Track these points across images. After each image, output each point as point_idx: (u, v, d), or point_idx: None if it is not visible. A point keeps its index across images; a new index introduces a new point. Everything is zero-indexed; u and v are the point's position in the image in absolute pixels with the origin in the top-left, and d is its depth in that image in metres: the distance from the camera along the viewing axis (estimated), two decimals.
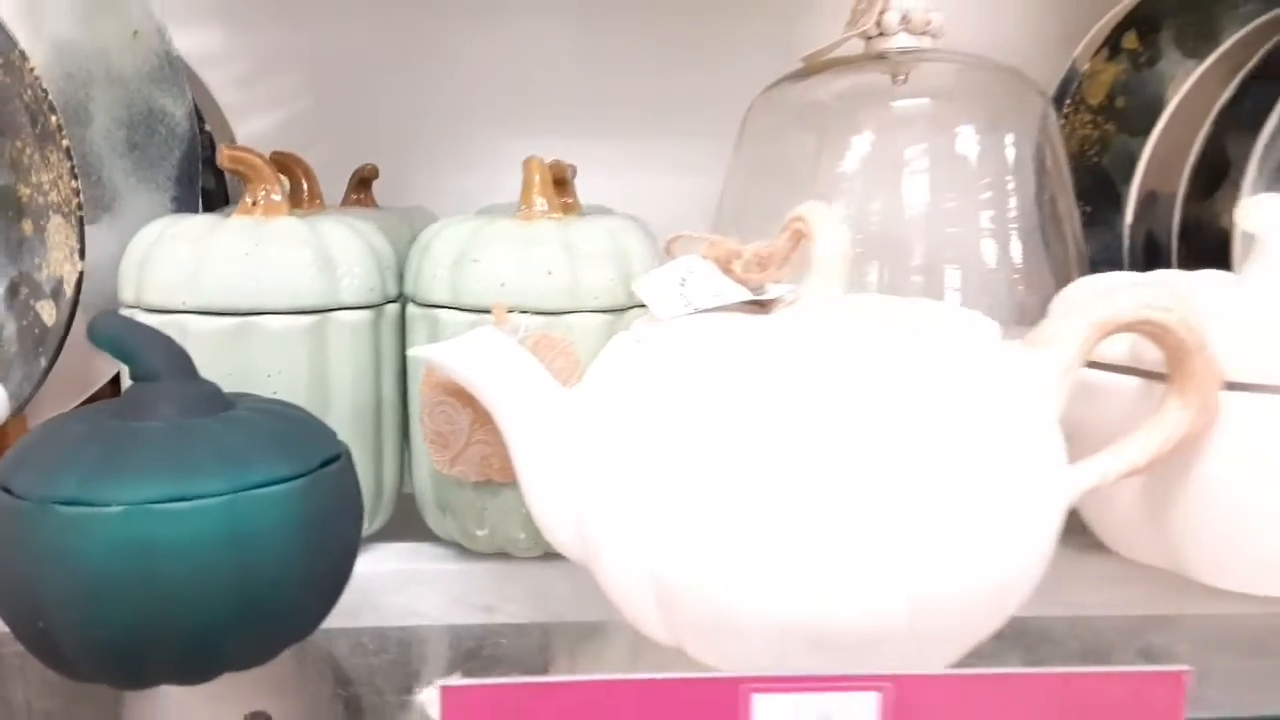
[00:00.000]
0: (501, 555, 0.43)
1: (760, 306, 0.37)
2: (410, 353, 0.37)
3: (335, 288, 0.41)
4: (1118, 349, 0.39)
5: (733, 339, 0.33)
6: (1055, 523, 0.34)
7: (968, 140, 0.56)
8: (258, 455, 0.31)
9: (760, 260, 0.36)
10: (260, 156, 0.44)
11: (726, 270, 0.36)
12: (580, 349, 0.41)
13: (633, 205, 0.64)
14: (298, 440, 0.32)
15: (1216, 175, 0.59)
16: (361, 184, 0.66)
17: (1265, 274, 0.41)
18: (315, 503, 0.32)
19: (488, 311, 0.40)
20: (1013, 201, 0.56)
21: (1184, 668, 0.29)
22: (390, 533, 0.45)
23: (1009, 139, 0.56)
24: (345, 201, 0.66)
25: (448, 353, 0.36)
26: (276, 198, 0.43)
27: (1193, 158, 0.57)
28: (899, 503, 0.30)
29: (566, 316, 0.41)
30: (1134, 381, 0.39)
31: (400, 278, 0.44)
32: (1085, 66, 0.67)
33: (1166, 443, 0.36)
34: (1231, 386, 0.36)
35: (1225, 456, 0.36)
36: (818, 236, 0.35)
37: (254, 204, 0.43)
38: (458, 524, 0.43)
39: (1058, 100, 0.68)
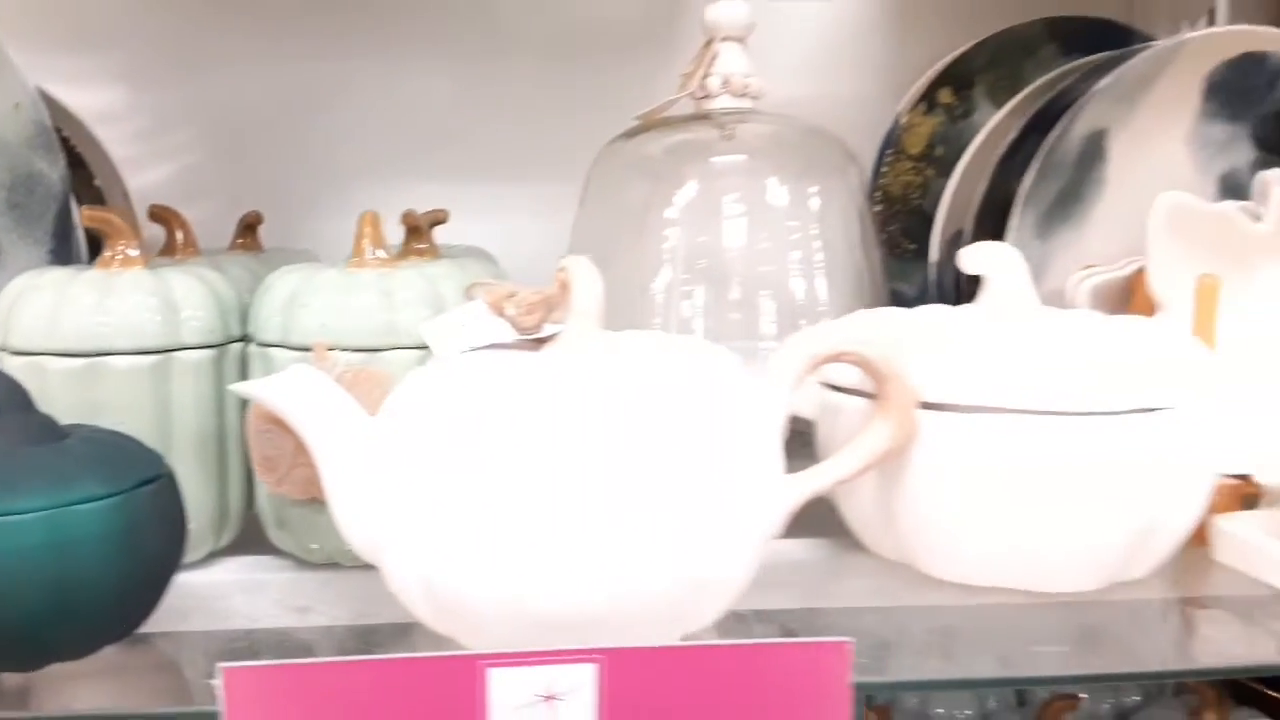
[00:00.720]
0: (333, 565, 0.48)
1: (537, 344, 0.43)
2: (230, 388, 0.42)
3: (177, 330, 0.46)
4: (856, 374, 0.46)
5: (491, 372, 0.39)
6: (768, 527, 0.40)
7: (777, 191, 0.63)
8: (78, 476, 0.36)
9: (531, 304, 0.42)
10: (119, 215, 0.49)
11: (500, 313, 0.42)
12: (398, 382, 0.46)
13: (506, 246, 0.70)
14: (117, 463, 0.38)
15: (1005, 218, 0.66)
16: (247, 230, 0.72)
17: (980, 308, 0.48)
18: (131, 518, 0.37)
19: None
20: (818, 245, 0.63)
21: (848, 639, 0.36)
22: (239, 548, 0.51)
23: (814, 189, 0.63)
24: (231, 246, 0.72)
25: (262, 387, 0.41)
26: (133, 252, 0.49)
27: (977, 202, 0.64)
28: (618, 509, 0.36)
29: (385, 353, 0.47)
30: (864, 403, 0.45)
31: (245, 319, 0.50)
32: (904, 120, 0.74)
33: (871, 456, 0.42)
34: (927, 406, 0.43)
35: (925, 467, 0.43)
36: (575, 285, 0.41)
37: (113, 257, 0.49)
38: (294, 539, 0.49)
39: (882, 150, 0.75)
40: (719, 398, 0.39)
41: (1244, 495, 0.51)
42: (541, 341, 0.43)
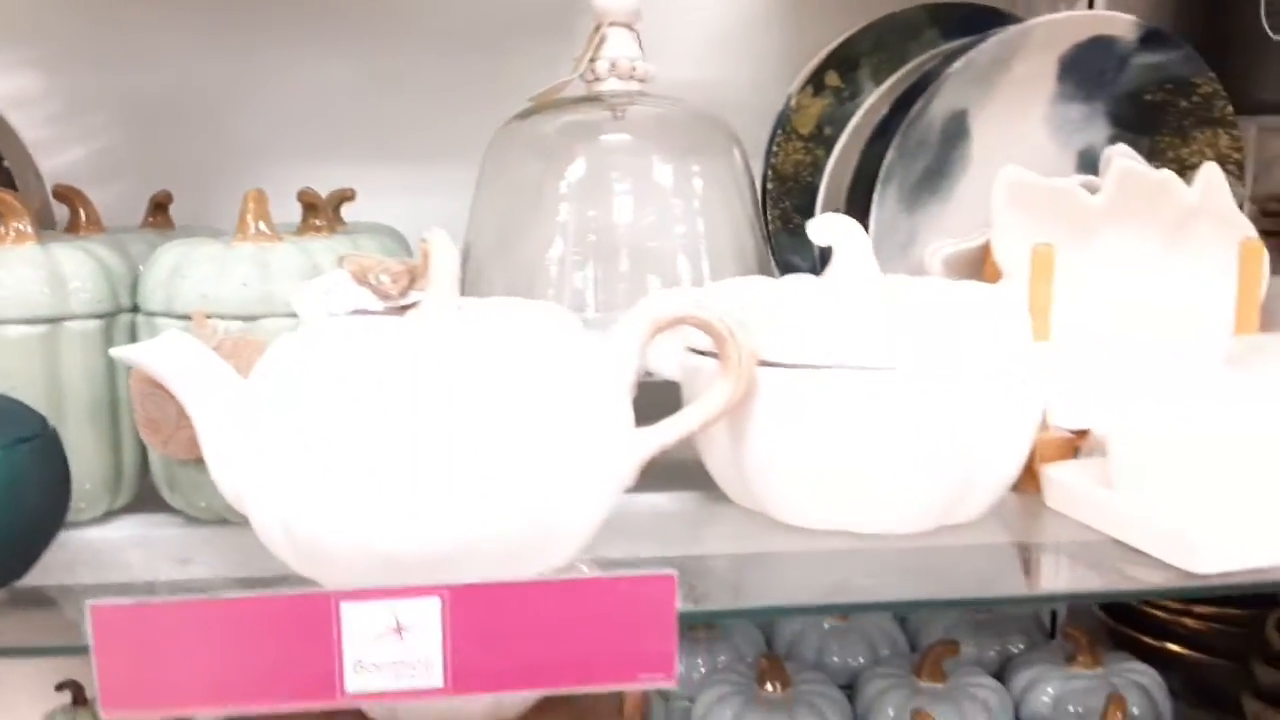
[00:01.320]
0: (222, 522, 0.51)
1: (402, 310, 0.46)
2: (110, 352, 0.45)
3: (65, 301, 0.49)
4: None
5: (348, 335, 0.42)
6: (616, 477, 0.43)
7: (662, 170, 0.66)
8: None
9: (395, 274, 0.45)
10: (11, 195, 0.52)
11: (363, 282, 0.45)
12: None
13: (416, 223, 0.73)
14: None
15: None
16: (158, 209, 0.74)
17: (829, 276, 0.51)
18: (9, 472, 0.40)
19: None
20: (700, 220, 0.66)
21: (672, 572, 0.39)
22: (136, 508, 0.53)
23: (697, 169, 0.66)
24: (143, 224, 0.74)
25: (138, 352, 0.44)
26: (26, 229, 0.51)
27: (849, 179, 0.68)
28: (462, 458, 0.39)
29: (262, 321, 0.49)
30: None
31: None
32: (794, 101, 0.78)
33: (714, 409, 0.45)
34: (764, 364, 0.46)
35: (764, 421, 0.46)
36: (433, 256, 0.44)
37: (6, 234, 0.51)
38: (184, 497, 0.51)
39: (774, 130, 0.78)
40: (563, 357, 0.43)
41: (1075, 446, 0.55)
42: (406, 308, 0.46)
